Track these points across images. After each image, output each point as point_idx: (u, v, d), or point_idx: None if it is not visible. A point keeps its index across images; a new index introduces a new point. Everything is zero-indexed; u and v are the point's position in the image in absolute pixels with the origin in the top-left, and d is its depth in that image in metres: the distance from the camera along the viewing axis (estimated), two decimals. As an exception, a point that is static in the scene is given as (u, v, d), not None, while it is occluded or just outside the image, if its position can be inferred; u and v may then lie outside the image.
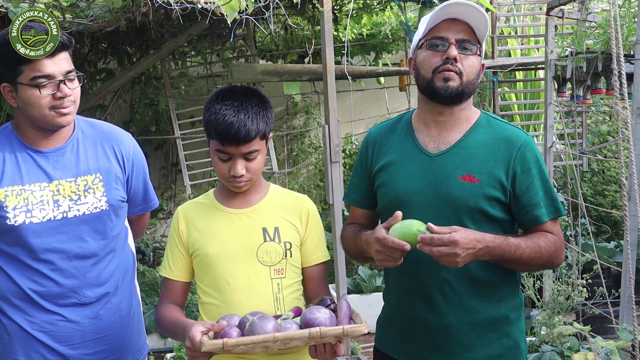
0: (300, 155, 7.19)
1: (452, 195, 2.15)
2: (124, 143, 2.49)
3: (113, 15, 3.87)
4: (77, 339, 2.37)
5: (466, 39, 2.14)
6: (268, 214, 2.28)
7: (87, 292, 2.38)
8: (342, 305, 2.09)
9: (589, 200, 6.25)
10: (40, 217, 2.30)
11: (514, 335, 2.24)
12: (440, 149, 2.21)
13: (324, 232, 2.38)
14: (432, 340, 2.21)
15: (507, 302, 2.24)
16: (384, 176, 2.28)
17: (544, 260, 2.17)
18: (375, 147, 2.35)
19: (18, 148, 2.33)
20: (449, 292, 2.17)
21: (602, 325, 4.20)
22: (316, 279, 2.34)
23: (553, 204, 2.19)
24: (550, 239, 2.17)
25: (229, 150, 2.15)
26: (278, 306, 2.23)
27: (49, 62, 2.22)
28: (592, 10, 4.47)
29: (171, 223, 2.37)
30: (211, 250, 2.23)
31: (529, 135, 2.24)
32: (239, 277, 2.22)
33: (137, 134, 6.20)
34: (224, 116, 2.12)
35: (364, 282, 5.50)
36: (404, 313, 2.28)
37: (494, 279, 2.19)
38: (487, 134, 2.21)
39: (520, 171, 2.16)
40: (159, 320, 2.31)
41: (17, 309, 2.34)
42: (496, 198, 2.15)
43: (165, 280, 2.34)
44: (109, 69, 6.01)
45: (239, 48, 6.31)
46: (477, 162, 2.16)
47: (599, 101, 5.85)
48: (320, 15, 4.13)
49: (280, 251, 2.24)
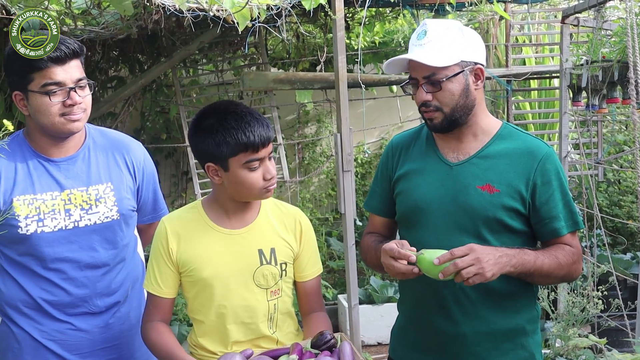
0: (311, 164, 7.19)
1: (470, 204, 2.16)
2: (134, 152, 2.50)
3: (125, 22, 3.89)
4: (86, 348, 2.39)
5: (431, 73, 2.15)
6: (263, 234, 2.24)
7: (98, 302, 2.39)
8: (344, 349, 2.08)
9: (605, 211, 6.22)
10: (52, 226, 2.31)
11: (529, 347, 2.24)
12: (459, 159, 2.23)
13: (316, 245, 2.38)
14: (445, 349, 2.22)
15: (524, 314, 2.24)
16: (403, 184, 2.30)
17: (564, 273, 2.17)
18: (396, 155, 2.37)
19: (30, 156, 2.34)
20: (465, 301, 2.18)
21: (617, 338, 4.16)
22: (310, 293, 2.34)
23: (572, 217, 2.20)
24: (568, 252, 2.17)
25: (261, 154, 2.13)
26: (271, 325, 2.24)
27: (60, 69, 2.23)
28: (608, 18, 4.46)
29: (156, 235, 2.26)
30: (206, 274, 2.18)
31: (551, 147, 2.25)
32: (235, 300, 2.19)
33: (147, 142, 6.24)
34: (247, 124, 2.09)
35: (376, 293, 5.49)
36: (419, 322, 2.29)
37: (511, 290, 2.18)
38: (508, 145, 2.22)
39: (541, 183, 2.16)
40: (152, 344, 2.22)
41: (27, 318, 2.36)
42: (515, 209, 2.16)
43: (152, 296, 2.24)
44: (120, 76, 6.03)
45: (251, 56, 6.33)
46: (496, 173, 2.18)
47: (615, 110, 5.82)
48: (333, 23, 4.13)
49: (276, 273, 2.22)
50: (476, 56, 2.20)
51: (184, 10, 3.26)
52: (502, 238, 2.14)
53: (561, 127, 4.63)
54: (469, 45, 2.18)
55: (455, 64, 2.14)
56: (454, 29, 2.17)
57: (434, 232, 2.19)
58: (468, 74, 2.17)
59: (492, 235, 2.14)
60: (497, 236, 2.13)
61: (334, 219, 7.20)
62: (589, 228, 4.74)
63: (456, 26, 2.19)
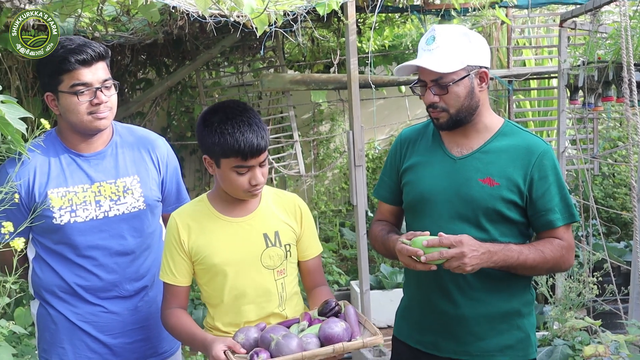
0: (326, 160, 7.18)
1: (471, 196, 2.16)
2: (159, 147, 2.51)
3: (152, 28, 3.90)
4: (117, 329, 2.40)
5: (438, 77, 2.14)
6: (267, 219, 2.25)
7: (127, 286, 2.41)
8: (349, 312, 2.09)
9: (600, 203, 6.17)
10: (84, 216, 2.32)
11: (525, 328, 2.25)
12: (463, 153, 2.23)
13: (315, 226, 2.40)
14: (447, 329, 2.23)
15: (519, 297, 2.24)
16: (410, 175, 2.31)
17: (550, 266, 2.17)
18: (404, 148, 2.38)
19: (62, 152, 2.36)
20: (464, 284, 2.19)
21: (611, 320, 4.13)
22: (313, 271, 2.36)
23: (568, 210, 2.19)
24: (557, 246, 2.16)
25: (250, 162, 2.11)
26: (281, 303, 2.25)
27: (87, 71, 2.24)
28: (604, 22, 4.42)
29: (168, 229, 2.27)
30: (217, 260, 2.19)
31: (549, 144, 2.24)
32: (246, 283, 2.20)
33: (173, 140, 6.26)
34: (242, 134, 2.07)
35: (386, 279, 5.48)
36: (422, 304, 2.30)
37: (508, 275, 2.18)
38: (508, 141, 2.21)
39: (538, 177, 2.16)
40: (171, 328, 2.24)
41: (63, 301, 2.37)
42: (512, 201, 2.16)
43: (169, 285, 2.26)
44: (148, 78, 6.05)
45: (269, 59, 6.32)
46: (497, 167, 2.17)
47: (610, 108, 5.77)
48: (345, 28, 4.13)
49: (281, 254, 2.24)
50: (481, 60, 2.18)
51: (206, 16, 3.25)
52: (500, 227, 2.15)
53: (559, 124, 4.59)
54: (475, 50, 2.16)
55: (461, 68, 2.13)
56: (461, 34, 2.15)
57: (438, 221, 2.19)
58: (473, 77, 2.16)
59: (490, 225, 2.15)
60: (495, 225, 2.14)
61: (346, 210, 7.19)
62: (585, 218, 4.71)
63: (463, 32, 2.16)
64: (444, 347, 2.24)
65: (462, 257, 1.99)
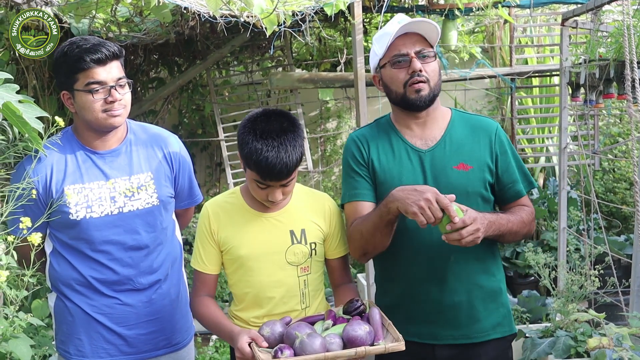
0: (332, 156, 7.16)
1: (451, 183, 2.17)
2: (171, 144, 2.50)
3: (164, 29, 3.90)
4: (132, 320, 2.40)
5: (422, 48, 2.18)
6: (295, 217, 2.25)
7: (141, 279, 2.40)
8: (373, 315, 2.07)
9: (601, 197, 6.14)
10: (99, 212, 2.32)
11: (506, 304, 2.30)
12: (428, 145, 2.23)
13: (344, 227, 2.34)
14: (444, 317, 2.21)
15: (499, 274, 2.29)
16: (381, 175, 2.23)
17: (526, 230, 2.23)
18: (363, 144, 2.28)
19: (78, 150, 2.36)
20: (461, 272, 2.19)
21: (612, 312, 4.11)
22: (339, 268, 2.35)
23: (527, 178, 2.28)
24: (528, 211, 2.24)
25: (269, 183, 2.11)
26: (304, 300, 2.24)
27: (102, 70, 2.24)
28: (604, 20, 4.39)
29: (200, 218, 2.29)
30: (243, 252, 2.20)
31: (495, 120, 2.33)
32: (269, 276, 2.21)
33: (184, 137, 6.26)
34: (266, 159, 2.04)
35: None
36: (414, 297, 2.24)
37: (489, 254, 2.23)
38: (465, 126, 2.26)
39: (500, 152, 2.23)
40: (200, 316, 2.27)
41: (79, 294, 2.38)
42: (487, 180, 2.21)
43: (198, 273, 2.29)
44: (160, 77, 6.05)
45: (277, 58, 6.31)
46: (465, 151, 2.21)
47: (611, 105, 5.74)
48: (352, 27, 4.12)
49: (306, 252, 2.23)
50: None
51: (217, 16, 3.24)
52: (480, 208, 2.14)
53: (561, 121, 4.56)
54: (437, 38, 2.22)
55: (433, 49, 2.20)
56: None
57: None
58: None
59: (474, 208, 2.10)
60: (476, 208, 2.09)
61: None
62: (587, 213, 4.68)
63: None
64: (442, 334, 2.22)
65: (477, 232, 1.98)
